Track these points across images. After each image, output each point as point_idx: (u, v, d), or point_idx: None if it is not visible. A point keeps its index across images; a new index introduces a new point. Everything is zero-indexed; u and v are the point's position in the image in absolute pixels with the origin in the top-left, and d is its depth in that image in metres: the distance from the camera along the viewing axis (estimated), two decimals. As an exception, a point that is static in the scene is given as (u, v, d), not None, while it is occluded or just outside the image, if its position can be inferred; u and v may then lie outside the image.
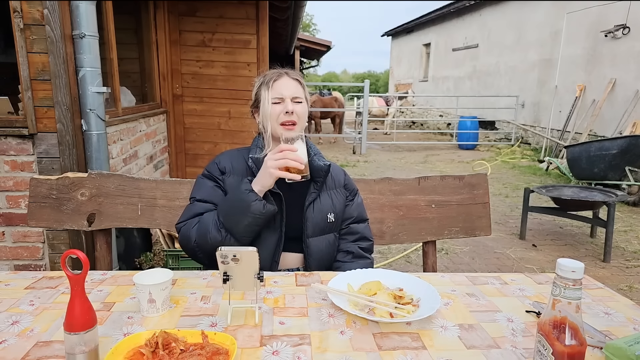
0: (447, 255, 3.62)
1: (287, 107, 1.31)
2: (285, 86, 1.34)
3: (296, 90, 1.36)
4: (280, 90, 1.34)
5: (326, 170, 1.38)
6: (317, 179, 1.36)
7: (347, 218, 1.44)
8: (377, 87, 36.65)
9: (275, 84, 1.35)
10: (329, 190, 1.41)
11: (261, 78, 1.40)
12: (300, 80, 1.40)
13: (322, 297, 1.07)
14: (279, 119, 1.32)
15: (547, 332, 0.73)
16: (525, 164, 7.96)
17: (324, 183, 1.39)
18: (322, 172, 1.37)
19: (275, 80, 1.35)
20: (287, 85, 1.35)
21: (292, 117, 1.32)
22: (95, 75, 2.30)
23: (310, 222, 1.34)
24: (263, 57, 4.23)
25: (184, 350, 0.80)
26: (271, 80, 1.35)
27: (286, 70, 1.40)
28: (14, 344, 0.85)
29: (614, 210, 3.45)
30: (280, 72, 1.39)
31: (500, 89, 10.65)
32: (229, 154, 1.42)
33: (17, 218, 2.35)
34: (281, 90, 1.33)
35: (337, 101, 10.68)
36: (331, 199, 1.40)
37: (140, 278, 0.98)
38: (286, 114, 1.31)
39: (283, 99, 1.33)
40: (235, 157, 1.40)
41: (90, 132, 2.33)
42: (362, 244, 1.44)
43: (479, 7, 11.72)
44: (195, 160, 4.43)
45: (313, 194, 1.35)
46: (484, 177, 1.70)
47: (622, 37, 6.94)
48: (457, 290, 1.14)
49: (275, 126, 1.33)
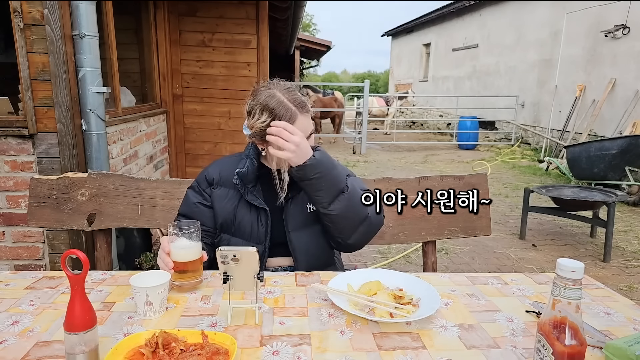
0: (447, 255, 3.62)
1: None
2: (301, 129, 1.19)
3: (308, 125, 1.24)
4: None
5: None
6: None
7: None
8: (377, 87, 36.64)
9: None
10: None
11: (265, 114, 1.20)
12: (307, 109, 1.25)
13: (322, 297, 1.07)
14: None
15: (547, 332, 0.73)
16: (525, 164, 7.96)
17: None
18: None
19: (288, 121, 1.19)
20: (302, 127, 1.20)
21: None
22: (95, 75, 2.31)
23: (290, 216, 1.30)
24: (263, 57, 4.24)
25: (184, 350, 0.80)
26: (287, 120, 1.20)
27: (300, 103, 1.23)
28: (14, 344, 0.85)
29: (614, 210, 3.45)
30: (289, 109, 1.20)
31: (500, 89, 10.65)
32: (219, 164, 1.37)
33: (17, 218, 2.35)
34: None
35: (337, 101, 10.69)
36: None
37: (137, 280, 0.98)
38: None
39: None
40: (226, 167, 1.34)
41: (90, 132, 2.33)
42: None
43: (479, 7, 11.72)
44: (195, 160, 4.43)
45: (293, 191, 1.30)
46: (484, 177, 1.70)
47: (622, 37, 6.94)
48: (457, 290, 1.14)
49: (283, 164, 1.24)
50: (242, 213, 1.31)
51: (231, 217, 1.31)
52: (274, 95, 1.21)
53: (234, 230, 1.31)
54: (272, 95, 1.21)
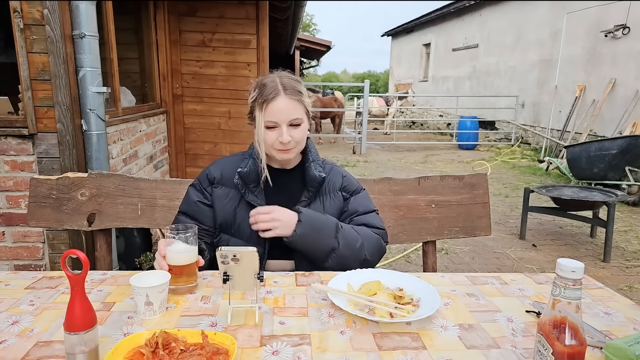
0: (447, 255, 3.62)
1: (282, 137, 1.21)
2: (281, 110, 1.20)
3: (293, 111, 1.22)
4: (275, 115, 1.21)
5: (320, 182, 1.31)
6: (310, 188, 1.31)
7: (352, 212, 1.36)
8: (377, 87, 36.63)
9: (270, 106, 1.20)
10: (322, 196, 1.34)
11: (256, 90, 1.24)
12: (299, 98, 1.24)
13: (322, 297, 1.07)
14: (274, 145, 1.23)
15: (547, 332, 0.73)
16: (525, 164, 7.96)
17: (318, 190, 1.33)
18: (315, 183, 1.31)
19: (270, 102, 1.20)
20: (283, 108, 1.21)
21: (288, 145, 1.23)
22: (95, 75, 2.31)
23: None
24: (263, 57, 4.24)
25: (184, 350, 0.80)
26: (265, 102, 1.20)
27: (284, 84, 1.23)
28: (14, 344, 0.85)
29: (614, 210, 3.45)
30: (276, 88, 1.21)
31: (500, 89, 10.65)
32: (221, 163, 1.36)
33: (17, 218, 2.35)
34: (275, 114, 1.21)
35: (337, 101, 10.68)
36: (323, 205, 1.33)
37: (137, 280, 0.98)
38: (281, 143, 1.22)
39: (278, 124, 1.22)
40: (228, 166, 1.33)
41: (90, 132, 2.33)
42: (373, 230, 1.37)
43: (479, 7, 11.72)
44: (195, 160, 4.43)
45: (303, 203, 1.29)
46: (484, 177, 1.70)
47: (622, 37, 6.94)
48: (457, 290, 1.14)
49: (270, 150, 1.25)
50: (242, 214, 1.29)
51: (231, 218, 1.31)
52: (269, 76, 1.27)
53: (234, 231, 1.31)
54: (269, 76, 1.26)
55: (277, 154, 1.25)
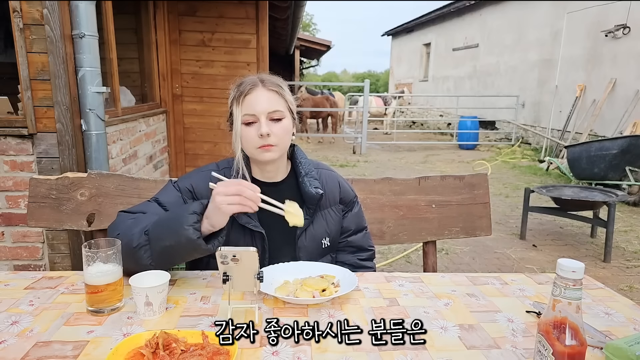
0: (447, 255, 3.62)
1: (261, 129, 1.10)
2: (258, 101, 1.11)
3: (274, 103, 1.13)
4: (252, 106, 1.11)
5: (318, 198, 1.22)
6: (310, 205, 1.22)
7: (344, 232, 1.32)
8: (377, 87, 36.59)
9: (247, 98, 1.11)
10: (323, 211, 1.27)
11: (235, 87, 1.17)
12: (279, 90, 1.15)
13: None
14: (254, 142, 1.12)
15: (548, 332, 0.73)
16: (525, 164, 7.96)
17: (317, 206, 1.25)
18: (314, 200, 1.22)
19: (247, 95, 1.12)
20: (261, 99, 1.12)
21: (269, 140, 1.11)
22: (95, 75, 2.30)
23: (303, 251, 1.22)
24: (263, 57, 4.24)
25: (184, 351, 0.80)
26: (242, 94, 1.12)
27: (262, 78, 1.15)
28: (13, 344, 0.85)
29: (615, 210, 3.45)
30: (254, 81, 1.14)
31: (501, 89, 10.65)
32: (199, 174, 1.23)
33: (16, 218, 2.35)
34: (254, 106, 1.11)
35: (329, 100, 10.43)
36: (326, 221, 1.27)
37: (137, 280, 0.98)
38: (261, 137, 1.11)
39: (257, 117, 1.12)
40: (203, 178, 1.18)
41: (90, 132, 2.33)
42: (361, 255, 1.35)
43: (479, 7, 11.73)
44: (195, 160, 4.43)
45: (306, 221, 1.17)
46: (484, 177, 1.70)
47: (622, 37, 6.94)
48: (457, 291, 1.14)
49: (252, 151, 1.14)
50: (235, 237, 1.18)
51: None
52: (249, 75, 1.20)
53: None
54: (248, 75, 1.20)
55: (258, 154, 1.14)
